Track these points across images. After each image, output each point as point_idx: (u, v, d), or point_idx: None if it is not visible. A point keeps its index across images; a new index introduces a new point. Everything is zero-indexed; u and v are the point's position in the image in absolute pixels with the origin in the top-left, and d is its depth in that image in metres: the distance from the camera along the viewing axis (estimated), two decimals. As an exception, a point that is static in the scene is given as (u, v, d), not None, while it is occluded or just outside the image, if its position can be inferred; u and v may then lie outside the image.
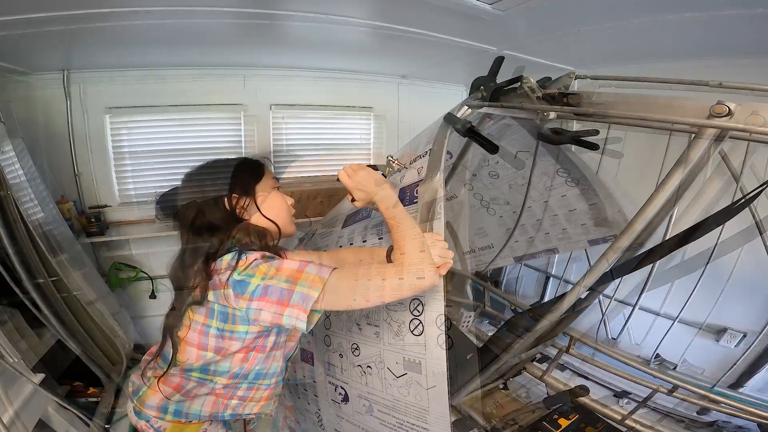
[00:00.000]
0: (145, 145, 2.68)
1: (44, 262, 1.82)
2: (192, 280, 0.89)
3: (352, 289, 0.82)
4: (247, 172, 1.03)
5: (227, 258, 0.87)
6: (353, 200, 1.03)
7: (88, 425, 1.72)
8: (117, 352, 2.13)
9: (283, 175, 3.09)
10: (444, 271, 0.89)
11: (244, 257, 0.86)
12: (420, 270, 0.80)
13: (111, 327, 2.05)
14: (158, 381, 1.00)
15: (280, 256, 0.92)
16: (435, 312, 0.95)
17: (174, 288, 0.96)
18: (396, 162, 1.26)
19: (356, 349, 1.18)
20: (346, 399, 1.25)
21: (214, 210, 0.96)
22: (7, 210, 1.68)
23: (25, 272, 1.71)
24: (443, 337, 0.92)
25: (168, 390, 0.99)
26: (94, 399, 2.02)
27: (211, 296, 0.87)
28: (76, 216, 2.45)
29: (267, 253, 0.90)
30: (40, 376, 1.57)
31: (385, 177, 1.28)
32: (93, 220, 2.46)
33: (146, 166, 2.71)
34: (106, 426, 1.87)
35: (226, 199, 0.96)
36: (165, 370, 1.00)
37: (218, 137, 2.88)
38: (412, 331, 0.99)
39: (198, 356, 0.93)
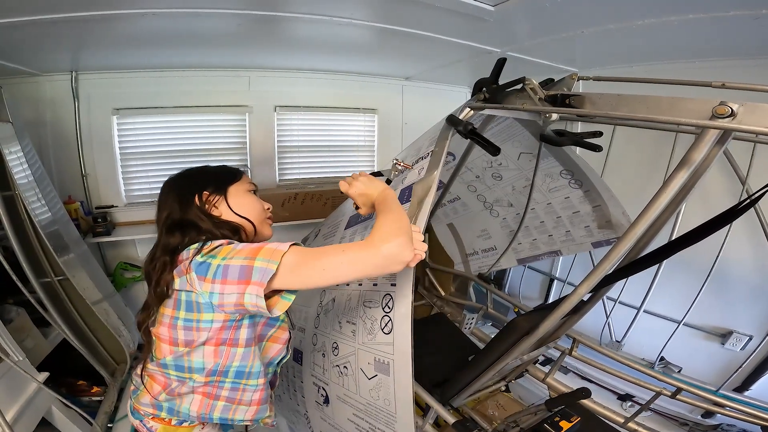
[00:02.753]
0: (151, 146, 2.71)
1: (51, 261, 1.85)
2: (159, 272, 0.89)
3: (310, 263, 0.76)
4: (221, 174, 1.07)
5: (194, 246, 0.87)
6: (357, 208, 1.04)
7: (90, 424, 1.74)
8: (121, 351, 2.14)
9: (288, 177, 3.11)
10: (414, 263, 0.83)
11: (209, 243, 0.86)
12: (388, 238, 0.74)
13: (116, 326, 2.06)
14: (141, 377, 1.01)
15: None
16: (404, 308, 0.90)
17: (147, 282, 0.95)
18: (402, 164, 1.26)
19: (336, 348, 1.12)
20: (327, 401, 1.19)
21: (185, 206, 0.98)
22: (15, 210, 1.71)
23: (32, 271, 1.73)
24: (408, 335, 0.85)
25: (157, 389, 0.98)
26: (98, 398, 2.04)
27: (176, 284, 0.86)
28: (83, 216, 2.48)
29: (234, 241, 0.89)
30: (44, 375, 1.59)
31: (390, 181, 1.29)
32: (99, 220, 2.48)
33: (152, 166, 2.74)
34: (109, 425, 1.88)
35: (197, 196, 0.99)
36: (142, 364, 1.01)
37: (223, 138, 2.91)
38: (382, 329, 0.95)
39: (171, 351, 0.92)
